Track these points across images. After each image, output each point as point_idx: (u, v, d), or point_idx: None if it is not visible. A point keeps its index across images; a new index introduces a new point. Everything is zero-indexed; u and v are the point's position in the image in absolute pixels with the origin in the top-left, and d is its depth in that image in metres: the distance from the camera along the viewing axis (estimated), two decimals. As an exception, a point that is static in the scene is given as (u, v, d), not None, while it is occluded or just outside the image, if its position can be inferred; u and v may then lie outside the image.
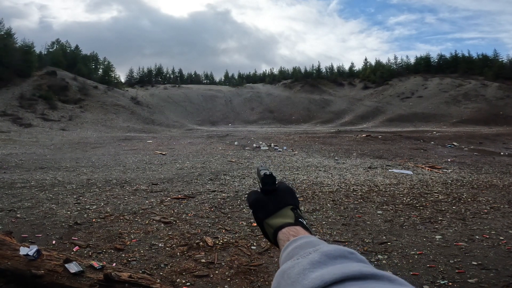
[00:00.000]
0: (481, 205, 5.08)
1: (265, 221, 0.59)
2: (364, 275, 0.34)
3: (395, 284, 0.33)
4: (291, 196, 0.62)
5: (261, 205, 0.61)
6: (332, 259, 0.39)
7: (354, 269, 0.35)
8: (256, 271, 2.93)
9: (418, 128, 29.80)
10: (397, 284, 0.33)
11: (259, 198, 0.62)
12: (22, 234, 3.60)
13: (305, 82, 59.34)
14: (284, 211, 0.59)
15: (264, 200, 0.61)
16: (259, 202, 0.61)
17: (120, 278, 2.11)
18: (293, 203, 0.61)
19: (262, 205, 0.60)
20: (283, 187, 0.63)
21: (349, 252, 0.40)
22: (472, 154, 12.14)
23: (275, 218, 0.58)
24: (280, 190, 0.62)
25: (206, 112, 45.21)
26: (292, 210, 0.59)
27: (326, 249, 0.41)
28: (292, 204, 0.60)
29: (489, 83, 45.18)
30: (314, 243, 0.46)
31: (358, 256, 0.40)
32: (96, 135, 22.05)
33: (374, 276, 0.34)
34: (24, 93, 30.23)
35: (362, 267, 0.35)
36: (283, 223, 0.56)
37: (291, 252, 0.47)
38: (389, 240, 3.66)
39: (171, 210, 4.64)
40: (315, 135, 21.03)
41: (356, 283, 0.33)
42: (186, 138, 19.27)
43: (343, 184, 6.53)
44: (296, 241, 0.49)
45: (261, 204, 0.61)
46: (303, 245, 0.46)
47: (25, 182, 6.32)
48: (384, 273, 0.34)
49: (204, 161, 9.70)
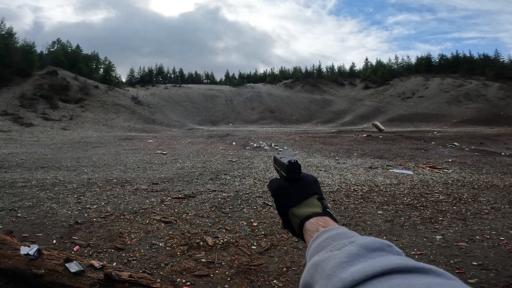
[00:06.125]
0: (482, 205, 5.07)
1: (291, 211, 0.55)
2: (409, 268, 0.31)
3: (442, 278, 0.31)
4: (316, 185, 0.58)
5: (286, 193, 0.57)
6: (370, 251, 0.36)
7: (397, 261, 0.32)
8: (256, 271, 2.93)
9: (419, 128, 29.75)
10: (444, 278, 0.31)
11: (283, 185, 0.58)
12: (23, 234, 3.61)
13: (305, 82, 59.34)
14: (311, 200, 0.55)
15: (289, 188, 0.57)
16: (284, 190, 0.57)
17: (120, 277, 2.11)
18: (319, 192, 0.57)
19: (287, 193, 0.56)
20: (307, 176, 0.59)
21: (386, 245, 0.38)
22: (473, 154, 12.11)
23: (301, 207, 0.54)
24: (305, 178, 0.58)
25: (207, 111, 45.23)
26: (318, 200, 0.56)
27: (363, 241, 0.38)
28: (318, 193, 0.57)
29: (490, 83, 45.10)
30: (347, 234, 0.43)
31: (396, 249, 0.38)
32: (96, 135, 22.07)
33: (419, 269, 0.31)
34: (25, 92, 30.27)
35: (405, 260, 0.33)
36: (311, 212, 0.53)
37: (322, 243, 0.43)
38: (390, 240, 3.63)
39: (172, 210, 4.64)
40: (316, 135, 21.02)
41: (401, 276, 0.31)
42: (187, 138, 19.28)
43: (343, 184, 6.53)
44: (327, 232, 0.46)
45: (286, 192, 0.57)
46: (336, 236, 0.43)
47: (26, 182, 6.33)
48: (430, 266, 0.32)
49: (204, 161, 9.71)
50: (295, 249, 3.38)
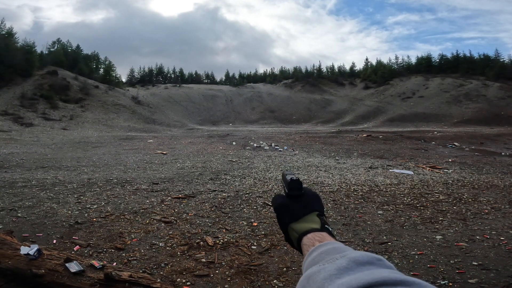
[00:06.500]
0: (482, 205, 5.07)
1: (290, 226, 0.58)
2: (394, 282, 0.33)
3: None
4: (317, 202, 0.61)
5: (286, 209, 0.60)
6: (359, 265, 0.38)
7: (382, 275, 0.34)
8: (256, 271, 2.93)
9: (419, 128, 29.75)
10: None
11: (285, 202, 0.61)
12: (23, 234, 3.61)
13: (306, 82, 59.31)
14: (310, 216, 0.58)
15: (290, 205, 0.60)
16: (285, 206, 0.60)
17: (120, 277, 2.11)
18: (319, 209, 0.60)
19: (288, 210, 0.60)
20: (309, 193, 0.62)
21: (377, 259, 0.39)
22: (473, 154, 12.11)
23: (300, 223, 0.57)
24: (306, 195, 0.61)
25: (207, 111, 45.23)
26: (318, 216, 0.58)
27: (353, 255, 0.40)
28: (318, 210, 0.59)
29: (491, 83, 45.07)
30: (341, 249, 0.46)
31: (386, 263, 0.39)
32: (97, 135, 22.08)
33: (403, 283, 0.33)
34: (25, 92, 30.28)
35: (391, 273, 0.35)
36: (309, 228, 0.56)
37: (316, 257, 0.46)
38: (390, 240, 3.65)
39: (172, 210, 4.64)
40: (316, 135, 21.02)
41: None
42: (187, 138, 19.28)
43: (343, 184, 6.53)
44: (321, 247, 0.48)
45: (286, 208, 0.60)
46: (329, 251, 0.45)
47: (26, 182, 6.34)
48: (414, 279, 0.33)
49: (204, 161, 9.71)
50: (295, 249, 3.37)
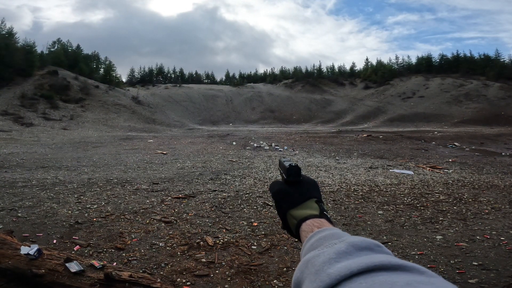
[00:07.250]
0: (482, 205, 5.06)
1: (289, 212, 0.57)
2: (393, 266, 0.33)
3: (425, 276, 0.32)
4: (315, 189, 0.61)
5: (285, 195, 0.59)
6: (358, 250, 0.38)
7: (382, 259, 0.34)
8: (256, 270, 2.93)
9: (419, 128, 29.73)
10: (427, 276, 0.32)
11: (283, 188, 0.60)
12: (23, 233, 3.61)
13: (306, 82, 59.27)
14: (309, 203, 0.57)
15: (288, 191, 0.59)
16: (283, 192, 0.60)
17: (120, 277, 2.11)
18: (318, 196, 0.59)
19: (287, 196, 0.59)
20: (307, 179, 0.62)
21: (375, 245, 0.39)
22: (474, 155, 12.10)
23: (299, 209, 0.57)
24: (305, 182, 0.61)
25: (207, 111, 45.22)
26: (316, 203, 0.58)
27: (352, 240, 0.40)
28: (316, 196, 0.59)
29: (491, 83, 45.05)
30: (339, 234, 0.45)
31: (385, 249, 0.39)
32: (97, 135, 22.08)
33: (403, 267, 0.33)
34: (26, 92, 30.28)
35: (390, 258, 0.35)
36: (308, 214, 0.55)
37: (315, 243, 0.45)
38: (390, 240, 3.65)
39: (172, 210, 4.64)
40: (316, 135, 21.01)
41: (385, 273, 0.32)
42: (187, 138, 19.28)
43: (344, 184, 6.52)
44: (320, 232, 0.48)
45: (285, 194, 0.59)
46: (328, 236, 0.45)
47: (26, 181, 6.34)
48: (413, 265, 0.33)
49: (205, 161, 9.71)
50: (295, 249, 3.38)
